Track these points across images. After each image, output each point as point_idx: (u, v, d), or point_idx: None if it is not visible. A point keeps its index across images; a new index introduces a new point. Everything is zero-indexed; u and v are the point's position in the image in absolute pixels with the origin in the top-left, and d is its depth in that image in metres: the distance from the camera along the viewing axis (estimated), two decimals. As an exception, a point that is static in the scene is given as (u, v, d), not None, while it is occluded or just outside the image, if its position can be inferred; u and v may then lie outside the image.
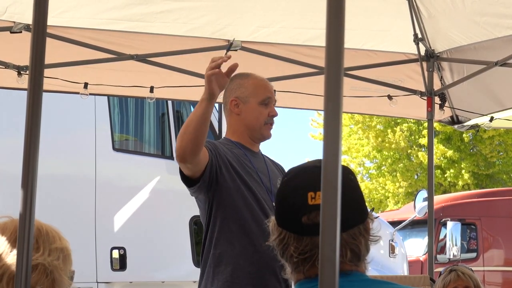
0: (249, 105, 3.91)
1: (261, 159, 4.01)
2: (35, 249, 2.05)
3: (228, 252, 3.78)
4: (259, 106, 3.91)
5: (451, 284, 4.65)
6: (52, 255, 2.09)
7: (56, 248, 2.10)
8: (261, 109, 3.91)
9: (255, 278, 3.78)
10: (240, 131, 3.95)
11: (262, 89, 3.94)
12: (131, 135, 7.72)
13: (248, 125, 3.93)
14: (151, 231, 7.29)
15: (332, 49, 1.43)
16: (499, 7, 4.96)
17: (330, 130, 1.43)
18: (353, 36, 5.39)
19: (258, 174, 3.91)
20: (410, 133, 22.46)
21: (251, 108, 3.91)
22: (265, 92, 3.93)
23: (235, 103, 3.92)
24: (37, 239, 2.07)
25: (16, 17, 4.88)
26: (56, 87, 5.34)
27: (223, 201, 3.80)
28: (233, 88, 3.93)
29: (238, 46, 5.35)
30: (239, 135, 3.94)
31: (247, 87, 3.93)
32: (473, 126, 6.29)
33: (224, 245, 3.78)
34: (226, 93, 3.95)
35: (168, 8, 5.03)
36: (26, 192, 1.85)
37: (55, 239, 2.12)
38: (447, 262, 12.50)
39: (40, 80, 1.89)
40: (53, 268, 2.07)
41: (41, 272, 2.05)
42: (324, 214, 1.42)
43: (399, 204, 21.76)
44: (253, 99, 3.91)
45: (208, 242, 3.83)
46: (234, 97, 3.92)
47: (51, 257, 2.08)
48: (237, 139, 3.93)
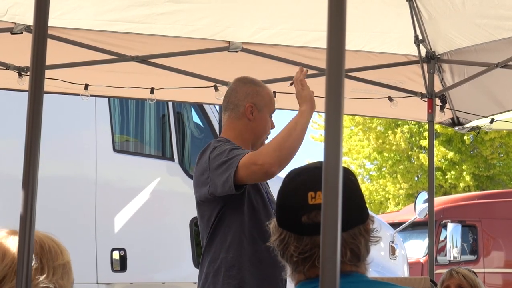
0: (262, 114, 3.95)
1: None
2: (40, 271, 1.99)
3: (242, 257, 3.78)
4: (269, 117, 3.99)
5: (445, 282, 4.68)
6: (56, 274, 2.02)
7: (59, 265, 2.04)
8: (269, 120, 3.99)
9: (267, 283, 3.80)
10: (245, 136, 3.95)
11: (273, 101, 4.04)
12: (132, 136, 7.72)
13: (257, 133, 3.96)
14: (152, 232, 7.29)
15: (333, 51, 1.44)
16: (499, 10, 4.96)
17: (331, 132, 1.43)
18: (354, 38, 5.39)
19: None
20: (411, 135, 22.46)
21: (263, 118, 3.95)
22: (274, 105, 4.04)
23: (251, 109, 3.93)
24: (41, 259, 2.01)
25: (16, 18, 4.88)
26: (56, 88, 5.34)
27: (241, 205, 3.79)
28: (249, 93, 3.95)
29: (239, 47, 5.36)
30: (243, 139, 3.93)
31: (264, 96, 3.97)
32: (474, 128, 6.29)
33: (239, 249, 3.78)
34: (240, 96, 3.95)
35: (169, 10, 5.03)
36: (27, 193, 1.85)
37: (58, 254, 2.05)
38: (447, 264, 12.49)
39: (41, 81, 1.89)
40: (59, 287, 2.01)
41: None
42: (325, 215, 1.42)
43: (400, 206, 21.75)
44: (267, 110, 3.96)
45: (220, 245, 3.81)
46: (251, 103, 3.93)
47: (55, 277, 2.01)
48: (240, 143, 3.90)
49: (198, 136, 7.93)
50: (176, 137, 7.58)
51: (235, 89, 3.98)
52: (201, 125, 7.95)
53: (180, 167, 7.51)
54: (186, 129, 7.73)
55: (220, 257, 3.79)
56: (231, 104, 3.97)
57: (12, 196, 3.78)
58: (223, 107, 4.02)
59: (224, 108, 4.01)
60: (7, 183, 6.37)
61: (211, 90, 5.57)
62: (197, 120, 7.96)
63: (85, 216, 6.96)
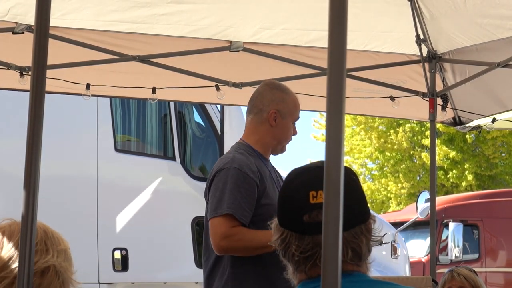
0: (285, 121, 3.98)
1: (271, 167, 4.06)
2: (45, 251, 2.07)
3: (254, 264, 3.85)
4: (292, 124, 4.01)
5: (446, 284, 4.67)
6: (60, 256, 2.10)
7: (61, 249, 2.12)
8: (291, 127, 4.01)
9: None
10: (265, 141, 3.99)
11: (298, 109, 4.05)
12: (133, 136, 7.72)
13: (279, 140, 4.00)
14: (153, 232, 7.29)
15: (335, 51, 1.44)
16: (501, 9, 4.96)
17: (333, 131, 1.43)
18: (355, 38, 5.38)
19: (274, 184, 3.98)
20: (413, 134, 22.46)
21: (286, 125, 3.98)
22: (298, 113, 4.06)
23: (275, 116, 3.96)
24: (46, 242, 2.09)
25: (18, 18, 4.87)
26: (58, 88, 5.34)
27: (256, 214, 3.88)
28: (275, 99, 3.98)
29: (240, 47, 5.36)
30: (263, 144, 3.98)
31: (288, 104, 3.99)
32: (475, 127, 6.29)
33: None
34: (265, 101, 3.98)
35: (171, 10, 5.03)
36: (29, 193, 1.85)
37: (59, 240, 2.14)
38: (449, 263, 12.49)
39: (43, 81, 1.89)
40: (63, 269, 2.09)
41: (53, 274, 2.07)
42: (327, 214, 1.42)
43: (401, 205, 21.76)
44: (290, 117, 4.00)
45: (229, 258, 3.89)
46: (275, 109, 3.96)
47: (59, 259, 2.09)
48: (259, 148, 3.97)
49: (200, 136, 7.93)
50: (178, 137, 7.58)
51: (261, 93, 4.01)
52: (203, 124, 7.94)
53: (182, 166, 7.51)
54: (187, 129, 7.73)
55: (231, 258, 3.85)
56: (255, 108, 4.01)
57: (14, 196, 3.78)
58: (248, 109, 4.07)
59: (248, 110, 4.06)
60: (9, 183, 6.37)
61: (213, 89, 5.57)
62: (199, 119, 7.96)
63: (87, 215, 6.96)
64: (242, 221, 3.77)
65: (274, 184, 3.95)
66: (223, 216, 3.76)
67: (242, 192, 3.79)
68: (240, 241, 3.77)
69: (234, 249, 3.79)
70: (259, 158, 3.96)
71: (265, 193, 3.86)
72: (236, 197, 3.77)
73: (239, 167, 3.82)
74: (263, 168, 3.92)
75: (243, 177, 3.80)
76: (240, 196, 3.78)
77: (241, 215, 3.77)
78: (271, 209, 3.74)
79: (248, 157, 3.90)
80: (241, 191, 3.79)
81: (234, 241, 3.76)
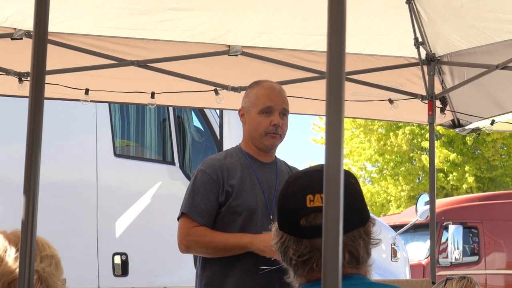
0: (250, 114, 3.95)
1: (272, 169, 4.02)
2: None
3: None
4: (259, 115, 3.92)
5: None
6: (44, 262, 2.12)
7: (47, 255, 2.14)
8: (260, 118, 3.92)
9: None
10: (246, 141, 4.02)
11: (263, 98, 3.92)
12: (132, 141, 7.72)
13: (250, 135, 3.97)
14: (153, 236, 7.29)
15: (334, 54, 1.44)
16: (498, 13, 4.97)
17: (332, 135, 1.43)
18: (354, 41, 5.39)
19: (261, 186, 3.93)
20: (412, 137, 22.46)
21: (251, 118, 3.95)
22: (265, 102, 3.92)
23: (242, 113, 3.99)
24: None
25: (16, 24, 4.88)
26: (57, 94, 5.33)
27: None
28: (243, 98, 4.03)
29: (239, 51, 5.36)
30: (246, 144, 4.01)
31: (250, 97, 3.97)
32: (474, 129, 6.29)
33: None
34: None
35: (169, 17, 5.03)
36: (28, 198, 1.85)
37: (45, 247, 2.16)
38: (449, 265, 12.50)
39: (42, 87, 1.89)
40: (47, 275, 2.10)
41: (35, 280, 2.07)
42: (327, 218, 1.42)
43: (401, 208, 21.75)
44: (253, 109, 3.94)
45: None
46: (241, 107, 4.01)
47: (43, 264, 2.11)
48: (246, 149, 4.00)
49: (199, 140, 7.94)
50: (177, 141, 7.58)
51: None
52: (202, 129, 7.95)
53: (181, 171, 7.52)
54: (186, 133, 7.73)
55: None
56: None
57: (14, 202, 3.78)
58: None
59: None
60: (8, 188, 6.37)
61: (212, 94, 5.57)
62: (198, 124, 7.97)
63: (86, 220, 6.96)
64: (199, 222, 3.86)
65: (260, 186, 3.93)
66: (183, 216, 3.92)
67: (201, 193, 3.88)
68: (198, 241, 3.89)
69: (194, 249, 3.94)
70: (247, 159, 3.96)
71: (236, 194, 3.88)
72: (194, 198, 3.88)
73: (204, 169, 3.91)
74: (244, 170, 3.92)
75: (205, 179, 3.89)
76: (198, 198, 3.87)
77: (198, 215, 3.86)
78: (242, 210, 3.85)
79: (226, 159, 3.94)
80: (201, 192, 3.88)
81: (192, 241, 3.88)
